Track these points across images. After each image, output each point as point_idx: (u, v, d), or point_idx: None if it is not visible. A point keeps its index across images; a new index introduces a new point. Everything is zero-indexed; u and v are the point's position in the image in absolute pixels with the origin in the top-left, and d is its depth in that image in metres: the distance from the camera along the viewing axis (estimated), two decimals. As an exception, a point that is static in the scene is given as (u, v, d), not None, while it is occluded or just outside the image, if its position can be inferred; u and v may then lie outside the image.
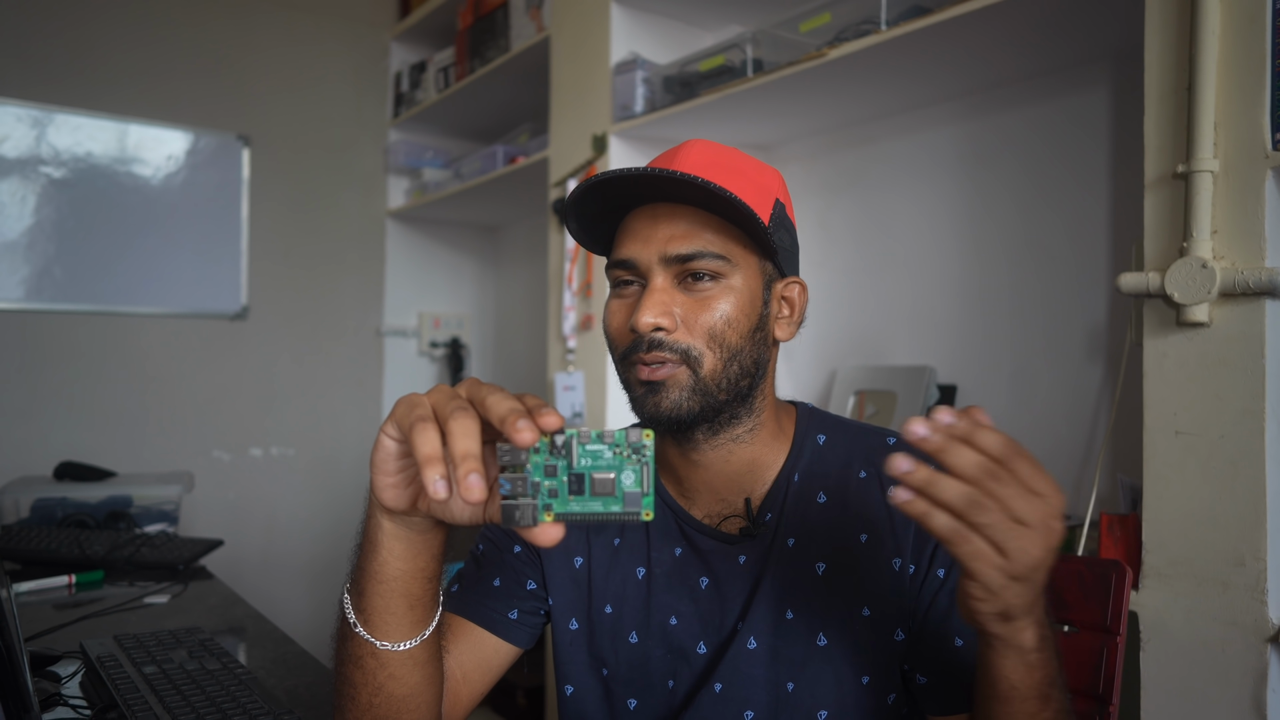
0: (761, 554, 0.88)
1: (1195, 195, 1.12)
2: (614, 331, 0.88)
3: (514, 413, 0.58)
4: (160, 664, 1.09)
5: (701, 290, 0.84)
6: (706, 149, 0.87)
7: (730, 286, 0.84)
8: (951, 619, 0.83)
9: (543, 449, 0.61)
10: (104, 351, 2.62)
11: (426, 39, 3.10)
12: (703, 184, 0.78)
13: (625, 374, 0.87)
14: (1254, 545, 1.09)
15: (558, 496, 0.61)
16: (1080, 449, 1.62)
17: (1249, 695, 1.09)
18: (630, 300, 0.86)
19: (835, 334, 2.05)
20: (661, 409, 0.83)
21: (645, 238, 0.84)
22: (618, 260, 0.86)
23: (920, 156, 1.90)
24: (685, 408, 0.83)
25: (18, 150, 2.49)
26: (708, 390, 0.83)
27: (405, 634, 0.74)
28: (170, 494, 2.04)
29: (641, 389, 0.84)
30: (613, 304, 0.88)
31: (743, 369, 0.85)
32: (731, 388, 0.85)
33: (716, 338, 0.83)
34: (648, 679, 0.91)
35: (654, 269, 0.83)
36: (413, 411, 0.62)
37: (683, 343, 0.83)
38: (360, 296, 3.10)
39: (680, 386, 0.83)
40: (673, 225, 0.84)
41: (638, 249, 0.84)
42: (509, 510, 0.61)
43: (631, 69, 2.02)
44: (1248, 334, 1.10)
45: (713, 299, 0.83)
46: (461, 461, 0.58)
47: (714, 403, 0.84)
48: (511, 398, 0.61)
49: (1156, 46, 1.19)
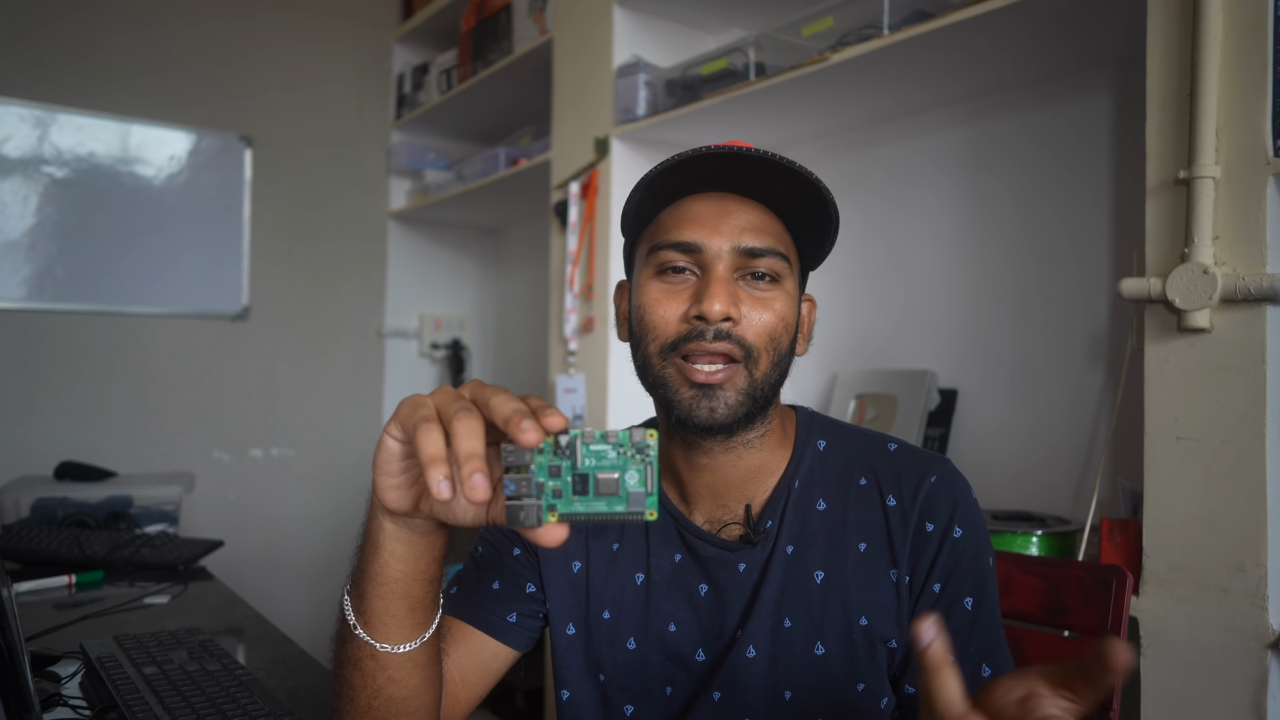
0: (761, 562, 0.88)
1: (1197, 201, 1.12)
2: (658, 319, 0.82)
3: (518, 413, 0.58)
4: (160, 664, 1.09)
5: (761, 290, 0.82)
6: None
7: (785, 291, 0.83)
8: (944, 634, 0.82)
9: (546, 450, 0.61)
10: (105, 351, 2.62)
11: (429, 41, 3.11)
12: (807, 174, 0.77)
13: (664, 369, 0.82)
14: (1254, 551, 1.09)
15: (562, 497, 0.61)
16: (1081, 454, 1.61)
17: (1249, 701, 1.09)
18: (682, 289, 0.82)
19: (836, 337, 2.05)
20: (718, 415, 0.80)
21: (713, 225, 0.81)
22: (676, 243, 0.82)
23: (922, 161, 1.90)
24: (739, 412, 0.81)
25: (20, 150, 2.49)
26: (756, 394, 0.82)
27: (405, 636, 0.74)
28: (171, 494, 2.04)
29: (691, 390, 0.81)
30: (655, 290, 0.83)
31: (781, 375, 0.85)
32: (771, 393, 0.84)
33: (774, 340, 0.82)
34: (645, 686, 0.91)
35: (721, 257, 0.81)
36: (416, 412, 0.62)
37: (747, 338, 0.81)
38: (361, 298, 3.10)
39: (737, 389, 0.81)
40: (745, 217, 0.82)
41: (705, 235, 0.81)
42: (514, 511, 0.61)
43: (634, 72, 2.02)
44: (1249, 340, 1.10)
45: (772, 300, 0.82)
46: (466, 461, 0.57)
47: (756, 408, 0.83)
48: (515, 399, 0.60)
49: (1158, 52, 1.19)
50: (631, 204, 0.86)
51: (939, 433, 1.79)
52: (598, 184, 2.13)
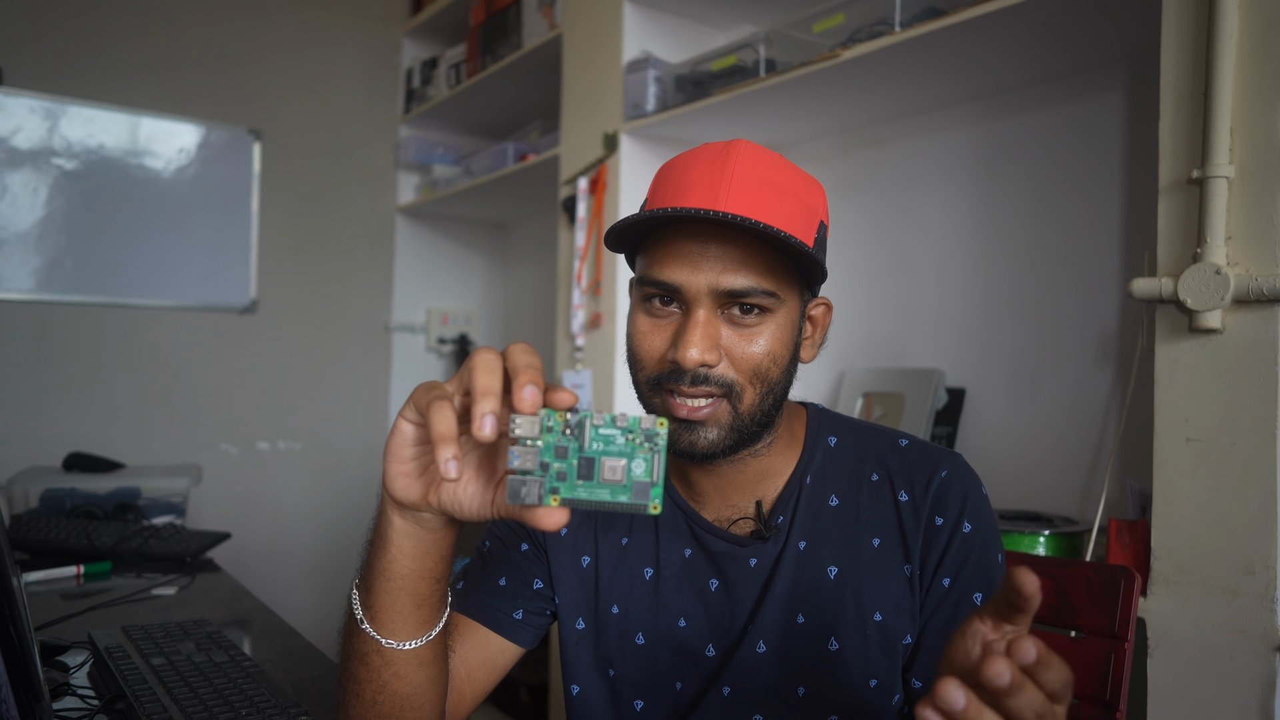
0: (773, 557, 0.88)
1: (1210, 201, 1.12)
2: (644, 354, 0.83)
3: (529, 368, 0.58)
4: (168, 655, 1.10)
5: (747, 324, 0.81)
6: (756, 161, 0.81)
7: (775, 321, 0.82)
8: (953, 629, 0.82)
9: (555, 428, 0.59)
10: (113, 343, 2.63)
11: (438, 35, 3.11)
12: (767, 230, 0.74)
13: (652, 398, 0.84)
14: (1264, 553, 1.09)
15: (565, 480, 0.60)
16: (1089, 454, 1.61)
17: (1257, 703, 1.09)
18: (666, 323, 0.82)
19: (844, 336, 2.04)
20: (699, 448, 0.81)
21: (693, 264, 0.79)
22: (657, 282, 0.81)
23: (932, 159, 1.89)
24: (721, 445, 0.81)
25: (30, 142, 2.50)
26: (743, 426, 0.82)
27: (411, 633, 0.74)
28: (178, 486, 2.05)
29: (675, 424, 0.81)
30: (643, 322, 0.84)
31: (776, 401, 0.84)
32: (764, 419, 0.84)
33: (760, 373, 0.81)
34: (655, 681, 0.91)
35: (700, 299, 0.79)
36: (430, 392, 0.62)
37: (727, 377, 0.80)
38: (369, 292, 3.11)
39: (719, 424, 0.81)
40: (724, 254, 0.79)
41: (685, 275, 0.79)
42: (515, 486, 0.59)
43: (643, 68, 2.02)
44: (1261, 341, 1.09)
45: (758, 334, 0.81)
46: (481, 399, 0.57)
47: (746, 436, 0.83)
48: (536, 356, 0.60)
49: (1173, 50, 1.18)
50: (611, 241, 0.84)
51: (946, 431, 1.78)
52: (606, 180, 2.13)
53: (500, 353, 0.61)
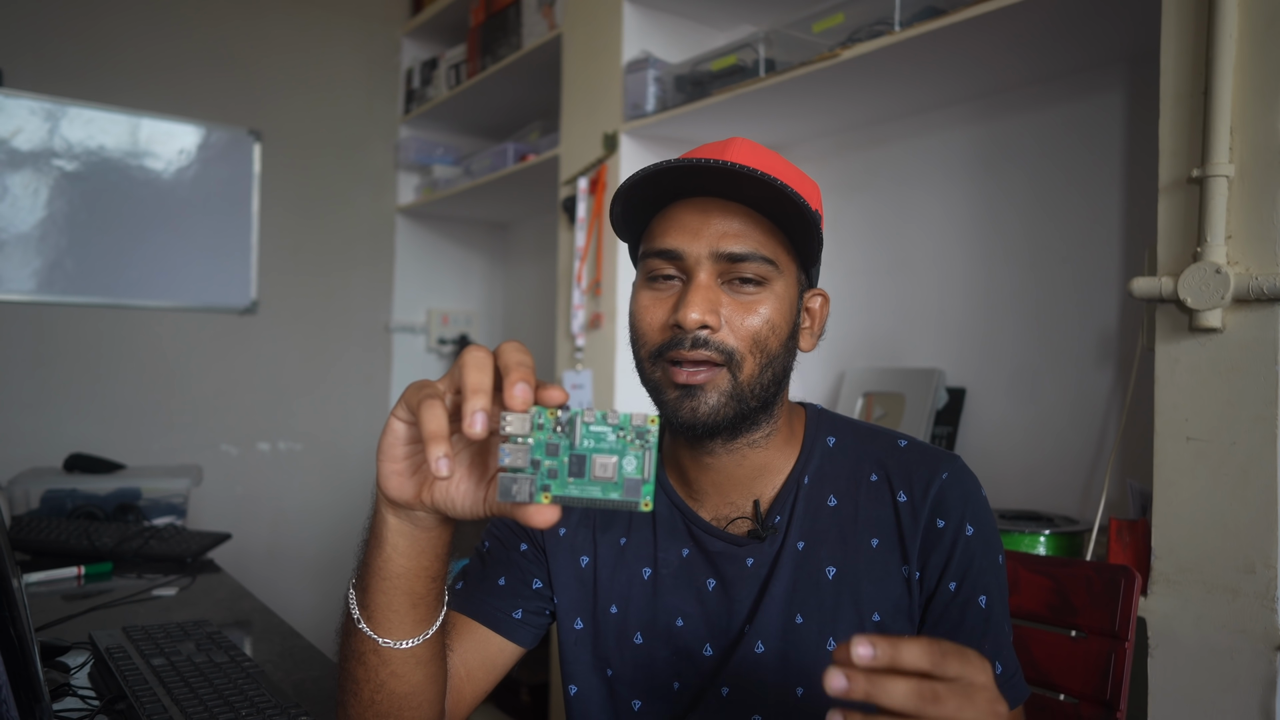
0: (770, 557, 0.88)
1: (1210, 200, 1.12)
2: (646, 326, 0.84)
3: (520, 366, 0.59)
4: (168, 656, 1.10)
5: (746, 294, 0.82)
6: (755, 150, 0.85)
7: (774, 292, 0.83)
8: (959, 635, 0.82)
9: (546, 426, 0.59)
10: (114, 344, 2.63)
11: (438, 36, 3.11)
12: (778, 185, 0.76)
13: (653, 373, 0.84)
14: (1264, 553, 1.09)
15: (556, 477, 0.60)
16: (1090, 453, 1.61)
17: (1257, 703, 1.09)
18: (667, 295, 0.84)
19: (844, 335, 2.04)
20: (699, 415, 0.81)
21: (695, 231, 0.81)
22: (660, 250, 0.83)
23: (932, 158, 1.89)
24: (722, 413, 0.82)
25: (30, 143, 2.50)
26: (743, 396, 0.82)
27: (408, 632, 0.74)
28: (179, 487, 2.05)
29: (676, 392, 0.82)
30: (644, 297, 0.85)
31: (775, 377, 0.84)
32: (763, 394, 0.84)
33: (759, 343, 0.82)
34: (653, 681, 0.91)
35: (701, 264, 0.81)
36: (421, 390, 0.62)
37: (727, 344, 0.81)
38: (369, 292, 3.11)
39: (719, 390, 0.81)
40: (726, 221, 0.81)
41: (685, 241, 0.82)
42: (506, 483, 0.59)
43: (643, 68, 2.02)
44: (1261, 340, 1.09)
45: (757, 303, 0.82)
46: (472, 396, 0.58)
47: (746, 409, 0.83)
48: (527, 354, 0.61)
49: (1173, 49, 1.18)
50: (615, 213, 0.86)
51: (946, 431, 1.78)
52: (606, 180, 2.13)
53: (491, 351, 0.62)
